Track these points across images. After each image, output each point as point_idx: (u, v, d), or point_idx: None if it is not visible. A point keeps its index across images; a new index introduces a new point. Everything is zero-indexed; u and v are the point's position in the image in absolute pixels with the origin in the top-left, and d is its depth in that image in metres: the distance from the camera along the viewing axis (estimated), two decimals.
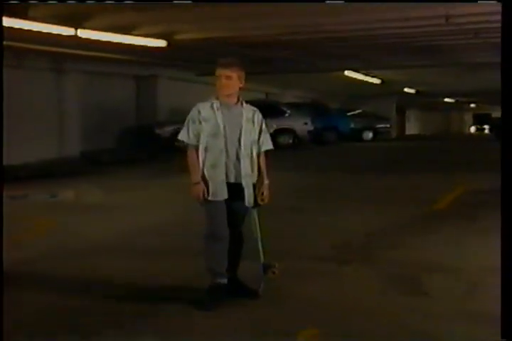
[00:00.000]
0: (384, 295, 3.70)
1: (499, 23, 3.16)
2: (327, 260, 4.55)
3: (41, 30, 8.93)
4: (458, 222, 6.00)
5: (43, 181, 9.69)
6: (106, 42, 10.32)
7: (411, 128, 38.03)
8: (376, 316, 3.31)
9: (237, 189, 3.46)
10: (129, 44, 10.70)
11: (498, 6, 3.25)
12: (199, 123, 3.46)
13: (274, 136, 3.62)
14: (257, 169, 3.55)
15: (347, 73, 17.16)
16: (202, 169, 3.46)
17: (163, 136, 14.74)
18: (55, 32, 9.19)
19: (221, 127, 3.44)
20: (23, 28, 8.58)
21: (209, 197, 3.43)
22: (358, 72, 17.68)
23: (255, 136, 3.54)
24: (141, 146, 15.42)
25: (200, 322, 3.22)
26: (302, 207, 7.02)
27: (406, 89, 24.54)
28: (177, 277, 4.08)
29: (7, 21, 7.78)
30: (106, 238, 5.38)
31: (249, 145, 3.50)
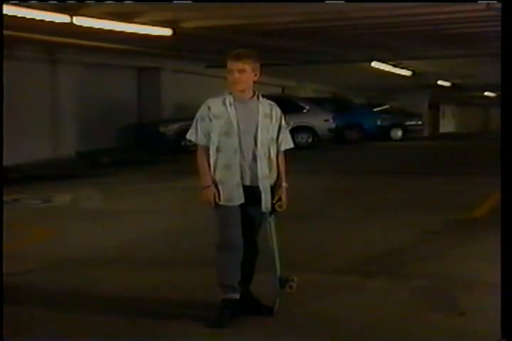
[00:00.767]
0: (412, 312, 3.71)
1: None
2: (350, 273, 4.56)
3: (34, 17, 9.04)
4: (498, 232, 5.98)
5: (36, 184, 9.80)
6: (104, 30, 10.42)
7: (445, 125, 37.84)
8: (403, 336, 3.31)
9: (253, 193, 3.47)
10: (130, 32, 10.78)
11: None
12: (209, 120, 3.47)
13: (291, 135, 3.69)
14: (276, 170, 3.56)
15: (373, 64, 17.13)
16: (213, 171, 3.48)
17: (167, 135, 14.84)
18: (49, 19, 9.30)
19: (234, 124, 3.44)
20: (16, 16, 8.68)
21: (222, 202, 3.45)
22: (386, 63, 17.64)
23: (273, 134, 3.54)
24: (143, 146, 15.52)
25: None
26: (323, 214, 7.04)
27: (440, 81, 24.42)
28: (184, 290, 4.11)
29: None
30: (106, 247, 5.43)
31: (266, 143, 3.50)
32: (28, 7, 8.80)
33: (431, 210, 7.25)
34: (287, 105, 14.99)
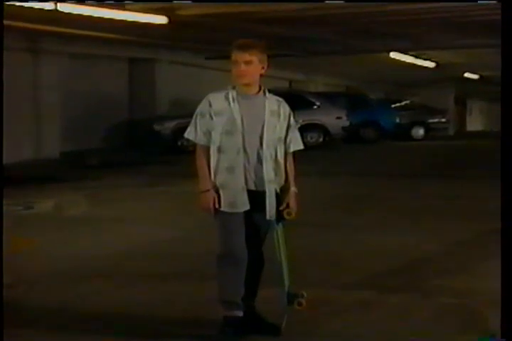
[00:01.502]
0: (437, 333, 3.69)
1: None
2: (367, 288, 4.55)
3: (14, 3, 9.08)
4: None
5: (15, 189, 9.81)
6: (92, 17, 10.45)
7: (473, 123, 37.79)
8: None
9: (258, 198, 3.47)
10: (121, 20, 10.83)
11: None
12: (210, 117, 3.48)
13: (300, 134, 3.71)
14: (283, 174, 3.57)
15: (392, 55, 17.15)
16: (214, 174, 3.48)
17: (163, 134, 14.86)
18: (31, 5, 9.34)
19: (238, 122, 3.45)
20: None
21: (225, 209, 3.45)
22: (407, 54, 17.65)
23: (281, 133, 3.55)
24: (135, 146, 15.55)
25: None
26: (337, 222, 7.04)
27: (467, 74, 24.41)
28: (181, 307, 4.11)
29: None
30: (93, 260, 5.43)
31: (273, 144, 3.51)
32: None
33: (458, 218, 7.23)
34: (295, 101, 14.98)
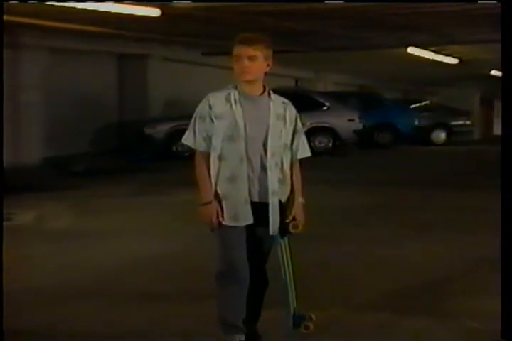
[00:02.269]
0: None
1: None
2: (382, 309, 4.56)
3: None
4: None
5: None
6: (76, 9, 10.49)
7: (501, 126, 37.70)
8: None
9: (262, 211, 3.48)
10: (110, 12, 10.87)
11: None
12: (211, 121, 3.49)
13: (308, 138, 3.74)
14: (289, 183, 3.58)
15: (410, 50, 17.17)
16: (215, 184, 3.50)
17: (155, 138, 14.90)
18: None
19: (241, 127, 3.47)
20: None
21: (226, 222, 3.46)
22: (426, 49, 17.66)
23: (287, 139, 3.57)
24: (125, 151, 15.57)
25: None
26: (349, 236, 7.05)
27: (494, 71, 24.38)
28: (176, 330, 4.11)
29: None
30: (80, 278, 5.45)
31: (278, 151, 3.52)
32: None
33: (485, 231, 7.22)
34: (302, 101, 14.97)
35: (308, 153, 3.69)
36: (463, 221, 7.98)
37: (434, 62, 19.33)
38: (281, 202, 3.54)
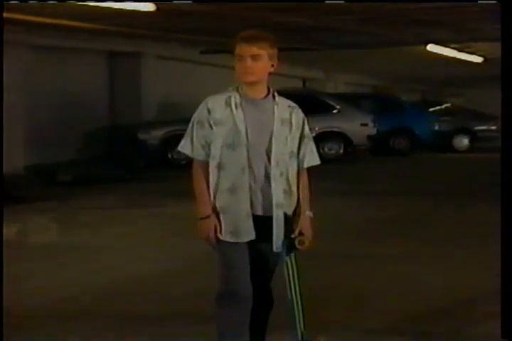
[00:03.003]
0: None
1: None
2: (399, 333, 4.55)
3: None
4: None
5: None
6: (63, 3, 10.53)
7: None
8: None
9: (265, 225, 3.48)
10: (100, 7, 10.90)
11: None
12: (210, 127, 3.49)
13: (317, 144, 3.74)
14: (296, 195, 3.58)
15: (430, 48, 17.18)
16: (213, 195, 3.50)
17: (150, 144, 14.92)
18: None
19: (242, 134, 3.47)
20: None
21: (226, 238, 3.47)
22: (448, 47, 17.67)
23: (293, 146, 3.58)
24: (116, 158, 15.57)
25: None
26: (363, 252, 7.03)
27: None
28: None
29: None
30: (68, 297, 5.44)
31: (283, 160, 3.52)
32: None
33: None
34: (310, 104, 14.96)
35: (316, 161, 3.69)
36: (487, 236, 7.94)
37: (456, 60, 19.35)
38: (286, 216, 3.54)
